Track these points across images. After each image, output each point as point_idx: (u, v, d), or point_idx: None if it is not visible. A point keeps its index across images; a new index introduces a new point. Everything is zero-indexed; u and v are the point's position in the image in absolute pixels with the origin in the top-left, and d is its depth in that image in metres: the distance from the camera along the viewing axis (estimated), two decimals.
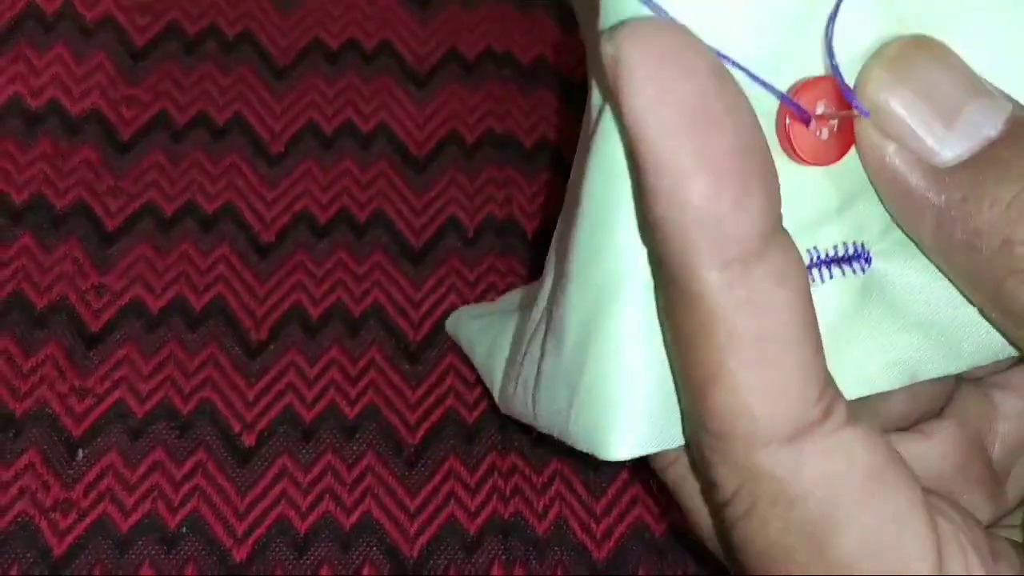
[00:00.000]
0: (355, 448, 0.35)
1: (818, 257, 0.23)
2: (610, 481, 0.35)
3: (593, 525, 0.35)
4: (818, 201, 0.22)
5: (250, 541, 0.34)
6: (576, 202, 0.23)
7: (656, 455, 0.25)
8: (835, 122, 0.22)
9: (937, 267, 0.23)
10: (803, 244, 0.22)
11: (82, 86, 0.40)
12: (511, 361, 0.29)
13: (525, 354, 0.27)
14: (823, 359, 0.21)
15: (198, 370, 0.36)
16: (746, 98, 0.20)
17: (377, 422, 0.36)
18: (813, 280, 0.23)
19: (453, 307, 0.37)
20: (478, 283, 0.38)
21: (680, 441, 0.23)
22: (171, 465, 0.34)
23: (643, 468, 0.27)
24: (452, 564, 0.34)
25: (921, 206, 0.21)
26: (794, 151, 0.22)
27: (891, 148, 0.21)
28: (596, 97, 0.22)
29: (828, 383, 0.21)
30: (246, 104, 0.40)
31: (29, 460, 0.34)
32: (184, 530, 0.34)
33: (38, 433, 0.34)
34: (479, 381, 0.36)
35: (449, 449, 0.35)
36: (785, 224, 0.21)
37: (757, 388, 0.20)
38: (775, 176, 0.20)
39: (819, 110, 0.21)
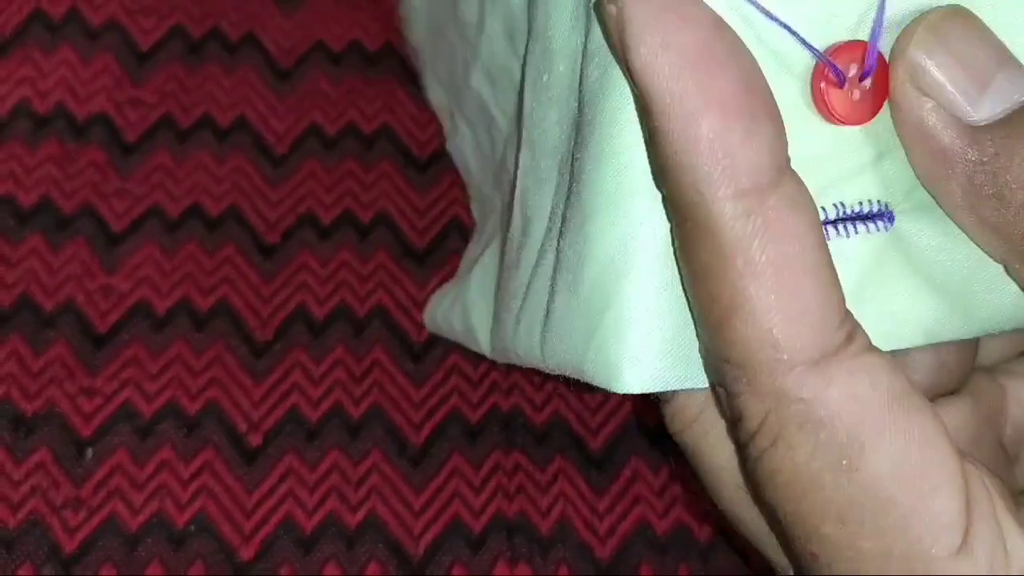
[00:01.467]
0: (360, 447, 0.36)
1: (844, 212, 0.23)
2: (613, 479, 0.36)
3: (596, 523, 0.35)
4: (845, 159, 0.23)
5: (257, 539, 0.34)
6: (583, 145, 0.24)
7: (676, 416, 0.25)
8: (867, 84, 0.22)
9: (962, 227, 0.23)
10: (830, 199, 0.23)
11: (88, 89, 0.40)
12: (503, 306, 0.29)
13: (526, 296, 0.27)
14: (840, 288, 0.21)
15: (205, 370, 0.36)
16: (745, 45, 0.21)
17: (382, 421, 0.36)
18: (839, 234, 0.23)
19: None
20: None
21: (696, 383, 0.23)
22: (179, 464, 0.35)
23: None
24: (457, 562, 0.34)
25: (953, 162, 0.22)
26: (828, 110, 0.23)
27: (928, 105, 0.22)
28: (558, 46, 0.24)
29: (847, 312, 0.21)
30: (250, 106, 0.40)
31: (40, 459, 0.34)
32: (192, 528, 0.34)
33: (48, 432, 0.35)
34: (483, 380, 0.37)
35: (453, 448, 0.36)
36: (812, 180, 0.22)
37: (779, 314, 0.20)
38: (779, 115, 0.21)
39: (851, 72, 0.22)
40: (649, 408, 0.37)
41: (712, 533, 0.35)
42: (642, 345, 0.23)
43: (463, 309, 0.33)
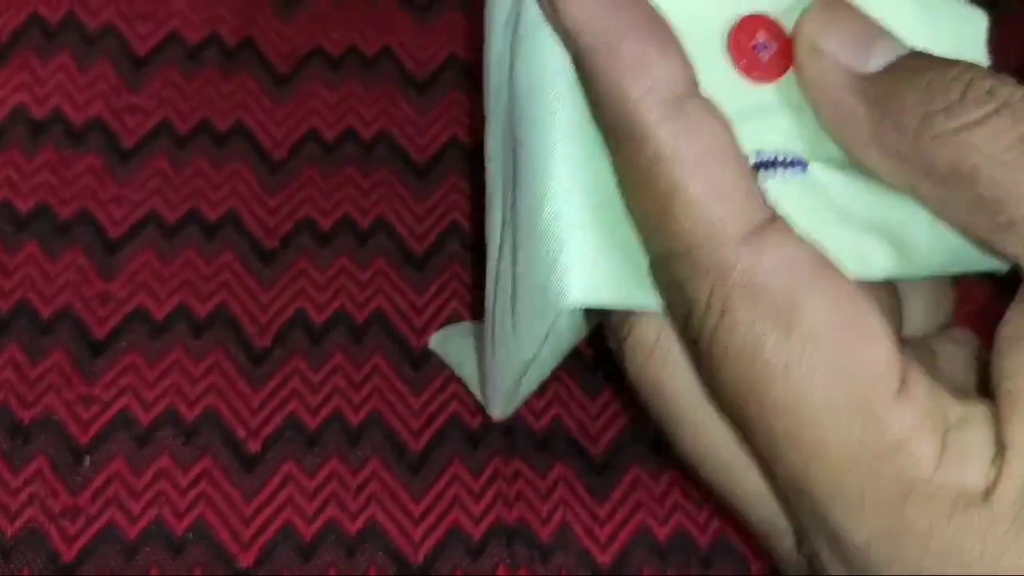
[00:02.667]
0: (360, 454, 0.35)
1: (763, 157, 0.27)
2: (614, 486, 0.35)
3: (597, 530, 0.35)
4: (760, 112, 0.27)
5: (256, 547, 0.34)
6: (517, 125, 0.27)
7: (636, 348, 0.27)
8: (774, 47, 0.27)
9: (871, 164, 0.27)
10: (751, 144, 0.26)
11: (85, 95, 0.40)
12: (486, 328, 0.31)
13: (496, 289, 0.29)
14: (756, 181, 0.25)
15: (203, 377, 0.36)
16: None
17: (381, 428, 0.36)
18: (762, 177, 0.26)
19: (456, 313, 0.38)
20: (482, 288, 0.38)
21: (640, 302, 0.26)
22: (177, 472, 0.35)
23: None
24: (457, 569, 0.34)
25: (854, 109, 0.26)
26: (743, 66, 0.27)
27: (827, 62, 0.27)
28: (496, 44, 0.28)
29: (766, 199, 0.25)
30: (248, 111, 0.40)
31: (38, 467, 0.34)
32: (190, 536, 0.34)
33: (46, 440, 0.35)
34: None
35: (453, 454, 0.36)
36: (734, 126, 0.25)
37: (709, 197, 0.24)
38: (682, 47, 0.25)
39: (760, 38, 0.27)
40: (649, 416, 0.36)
41: (713, 539, 0.35)
42: (592, 269, 0.25)
43: (478, 360, 0.35)
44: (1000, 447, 0.23)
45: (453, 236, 0.39)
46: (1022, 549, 0.22)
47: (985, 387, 0.28)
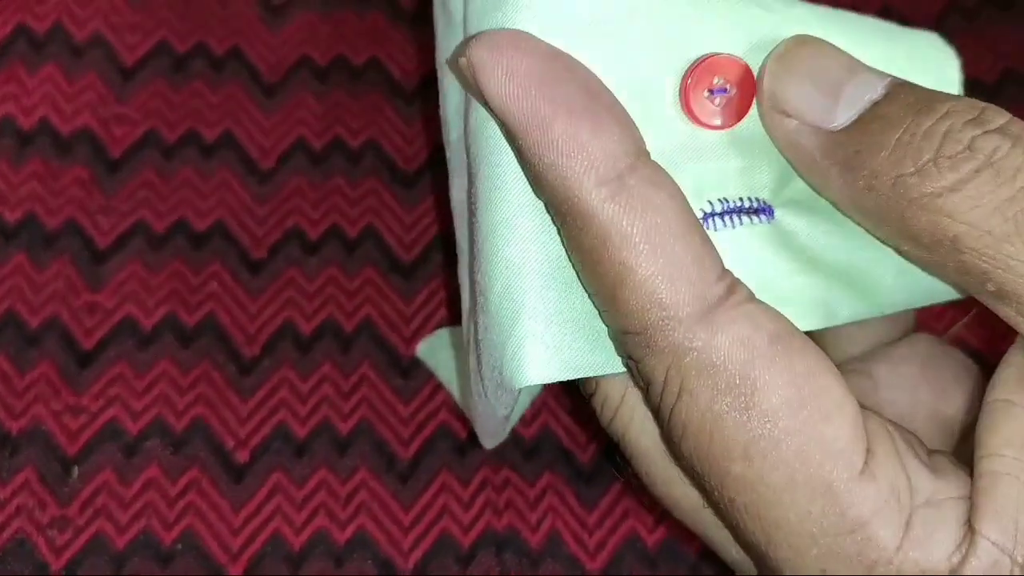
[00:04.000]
0: (348, 463, 0.35)
1: (728, 206, 0.26)
2: (603, 493, 0.36)
3: (586, 537, 0.35)
4: (720, 160, 0.26)
5: (244, 557, 0.34)
6: (473, 181, 0.26)
7: (604, 406, 0.27)
8: (731, 93, 0.25)
9: (854, 219, 0.26)
10: (714, 194, 0.26)
11: (73, 105, 0.40)
12: (467, 364, 0.30)
13: (470, 341, 0.28)
14: (715, 249, 0.23)
15: (191, 387, 0.36)
16: (580, 64, 0.24)
17: (370, 437, 0.36)
18: (725, 225, 0.26)
19: (444, 321, 0.38)
20: None
21: (599, 368, 0.25)
22: (165, 482, 0.35)
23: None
24: None
25: (826, 166, 0.25)
26: (694, 116, 0.25)
27: (792, 125, 0.25)
28: (451, 110, 0.28)
29: (724, 269, 0.23)
30: (236, 121, 0.40)
31: (25, 478, 0.34)
32: (179, 547, 0.34)
33: (34, 451, 0.35)
34: None
35: (442, 463, 0.36)
36: (691, 179, 0.25)
37: (659, 277, 0.23)
38: (625, 113, 0.24)
39: (716, 82, 0.25)
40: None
41: (702, 546, 0.35)
42: (542, 346, 0.25)
43: (466, 379, 0.34)
44: (969, 530, 0.23)
45: (440, 245, 0.39)
46: None
47: (947, 393, 0.28)
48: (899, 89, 0.25)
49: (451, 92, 0.28)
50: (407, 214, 0.40)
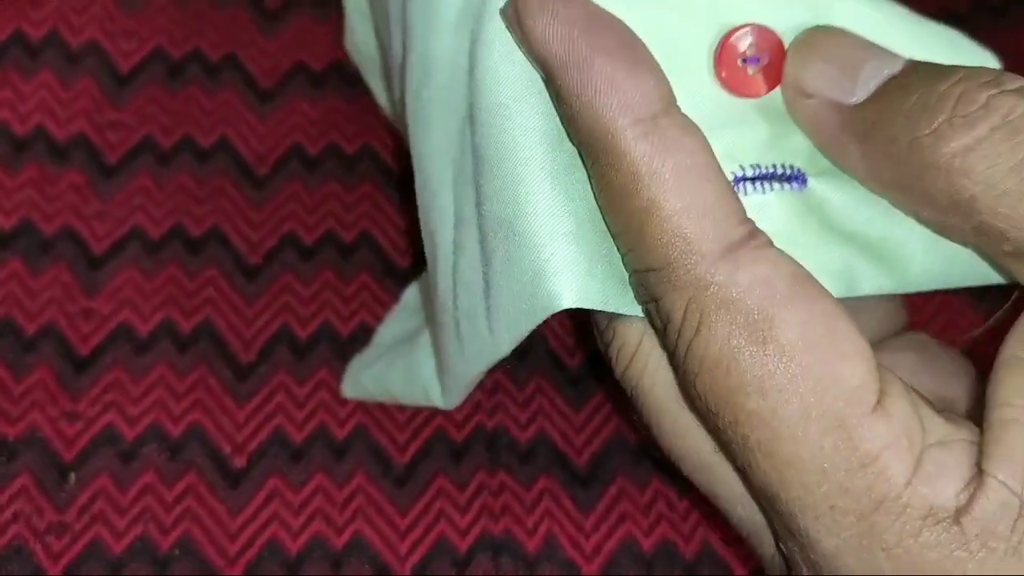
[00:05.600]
0: (345, 468, 0.35)
1: (760, 171, 0.26)
2: (599, 497, 0.36)
3: (583, 541, 0.35)
4: (753, 126, 0.27)
5: (242, 562, 0.34)
6: (481, 126, 0.26)
7: (620, 352, 0.27)
8: (764, 62, 0.26)
9: (873, 191, 0.26)
10: (747, 159, 0.26)
11: (68, 111, 0.40)
12: (440, 333, 0.30)
13: (456, 296, 0.29)
14: (737, 197, 0.24)
15: (188, 392, 0.36)
16: (621, 20, 0.25)
17: (366, 442, 0.36)
18: (756, 190, 0.26)
19: None
20: None
21: (623, 308, 0.26)
22: (162, 488, 0.35)
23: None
24: None
25: (846, 140, 0.25)
26: (727, 83, 0.26)
27: (814, 102, 0.26)
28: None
29: (747, 216, 0.24)
30: (231, 127, 0.40)
31: (22, 484, 0.34)
32: (176, 552, 0.34)
33: (31, 457, 0.35)
34: (467, 399, 0.37)
35: (438, 468, 0.36)
36: (725, 144, 0.26)
37: (686, 214, 0.24)
38: (659, 67, 0.25)
39: (750, 51, 0.26)
40: (633, 426, 0.37)
41: (698, 549, 0.35)
42: (580, 273, 0.25)
43: (409, 369, 0.34)
44: (978, 472, 0.23)
45: None
46: (986, 571, 0.22)
47: (946, 385, 0.28)
48: (917, 64, 0.25)
49: (444, 6, 0.28)
50: (403, 220, 0.40)
